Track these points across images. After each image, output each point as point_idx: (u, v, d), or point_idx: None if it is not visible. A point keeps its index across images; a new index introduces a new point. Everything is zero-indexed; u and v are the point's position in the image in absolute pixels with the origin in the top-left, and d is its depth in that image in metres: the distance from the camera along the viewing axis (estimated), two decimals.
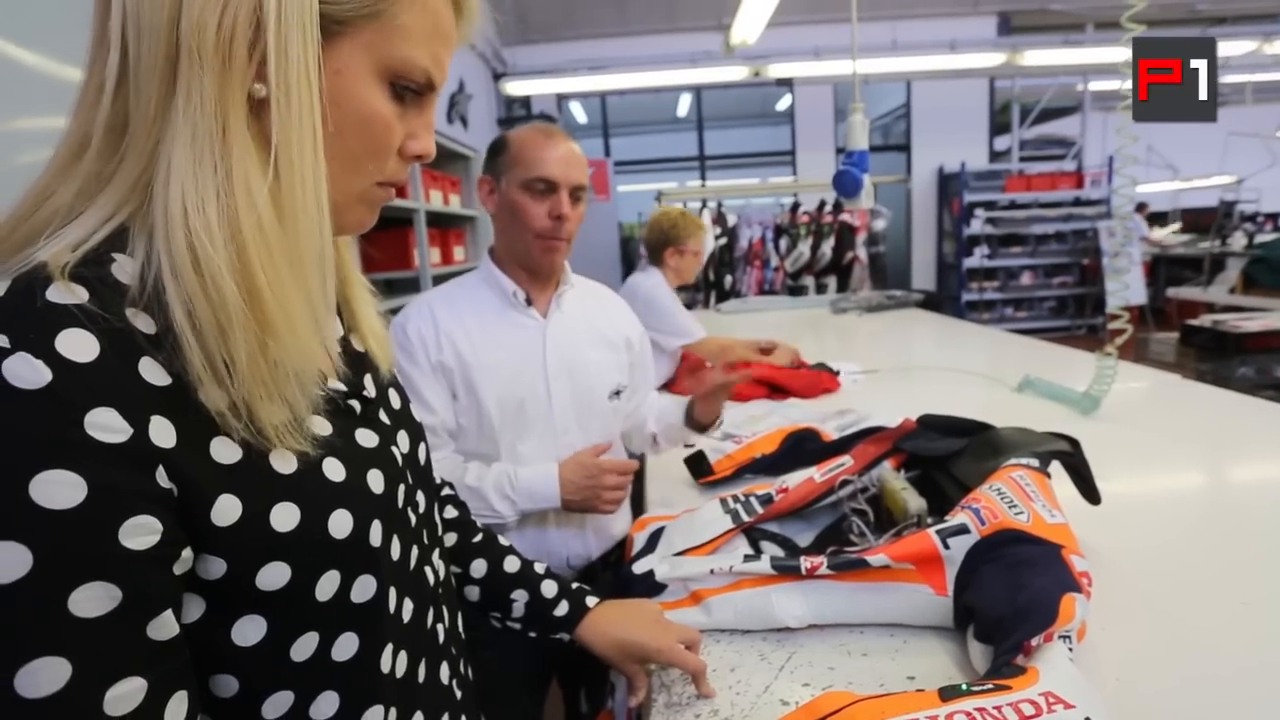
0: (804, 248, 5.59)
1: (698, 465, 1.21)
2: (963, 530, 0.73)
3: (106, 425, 0.32)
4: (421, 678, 0.50)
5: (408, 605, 0.48)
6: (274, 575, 0.38)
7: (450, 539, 0.69)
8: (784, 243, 5.73)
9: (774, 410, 1.65)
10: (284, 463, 0.39)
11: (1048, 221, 6.97)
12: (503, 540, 0.74)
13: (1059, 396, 1.54)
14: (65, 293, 0.33)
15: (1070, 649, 0.60)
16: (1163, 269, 7.14)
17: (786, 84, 5.57)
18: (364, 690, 0.44)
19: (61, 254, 0.34)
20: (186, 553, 0.35)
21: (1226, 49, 5.16)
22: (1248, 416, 1.44)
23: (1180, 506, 1.07)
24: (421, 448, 0.56)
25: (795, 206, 5.77)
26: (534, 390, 1.03)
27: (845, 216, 5.45)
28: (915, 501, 0.86)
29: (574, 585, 0.73)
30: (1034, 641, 0.59)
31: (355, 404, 0.48)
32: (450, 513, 0.72)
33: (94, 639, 0.31)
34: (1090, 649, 0.65)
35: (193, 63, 0.35)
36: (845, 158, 1.55)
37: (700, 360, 2.23)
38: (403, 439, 0.52)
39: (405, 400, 0.57)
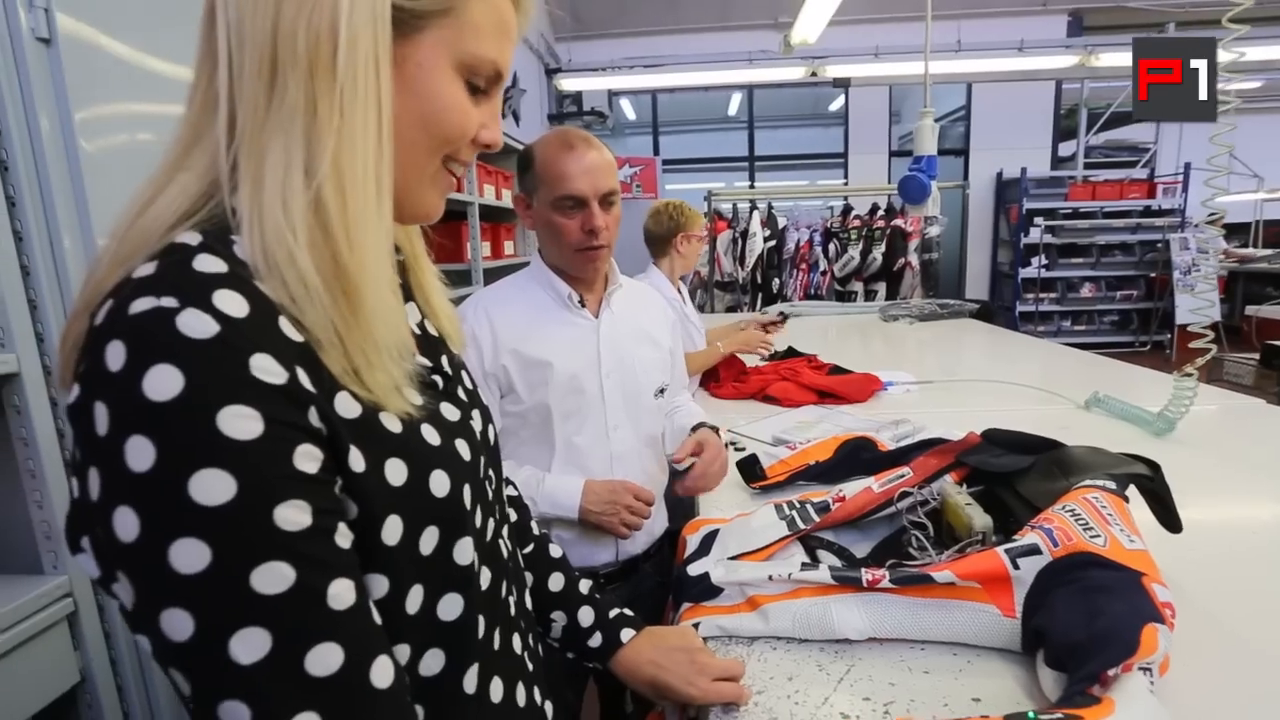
0: (854, 252, 5.50)
1: (750, 469, 1.20)
2: (1034, 551, 0.70)
3: (267, 369, 0.35)
4: (497, 644, 0.52)
5: (485, 573, 0.50)
6: (392, 529, 0.41)
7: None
8: (833, 247, 5.64)
9: (824, 416, 1.63)
10: (392, 423, 0.42)
11: (1114, 232, 6.69)
12: (553, 550, 0.74)
13: (1130, 417, 1.48)
14: (212, 263, 0.37)
15: (1152, 683, 0.57)
16: (1240, 285, 6.77)
17: (843, 84, 5.47)
18: (465, 650, 0.47)
19: (192, 235, 0.38)
20: (338, 487, 0.39)
21: None
22: None
23: (1263, 539, 1.02)
24: (491, 429, 0.58)
25: (846, 210, 5.68)
26: (589, 387, 1.05)
27: (898, 222, 5.34)
28: (980, 518, 0.83)
29: (612, 614, 0.72)
30: (1111, 672, 0.57)
31: (438, 379, 0.51)
32: (510, 515, 0.73)
33: (302, 546, 0.35)
34: (1172, 685, 0.62)
35: (286, 69, 0.39)
36: (913, 162, 1.51)
37: (739, 362, 2.19)
38: (477, 417, 0.55)
39: (474, 382, 0.60)
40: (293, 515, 0.35)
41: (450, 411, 0.50)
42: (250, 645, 0.33)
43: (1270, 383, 3.38)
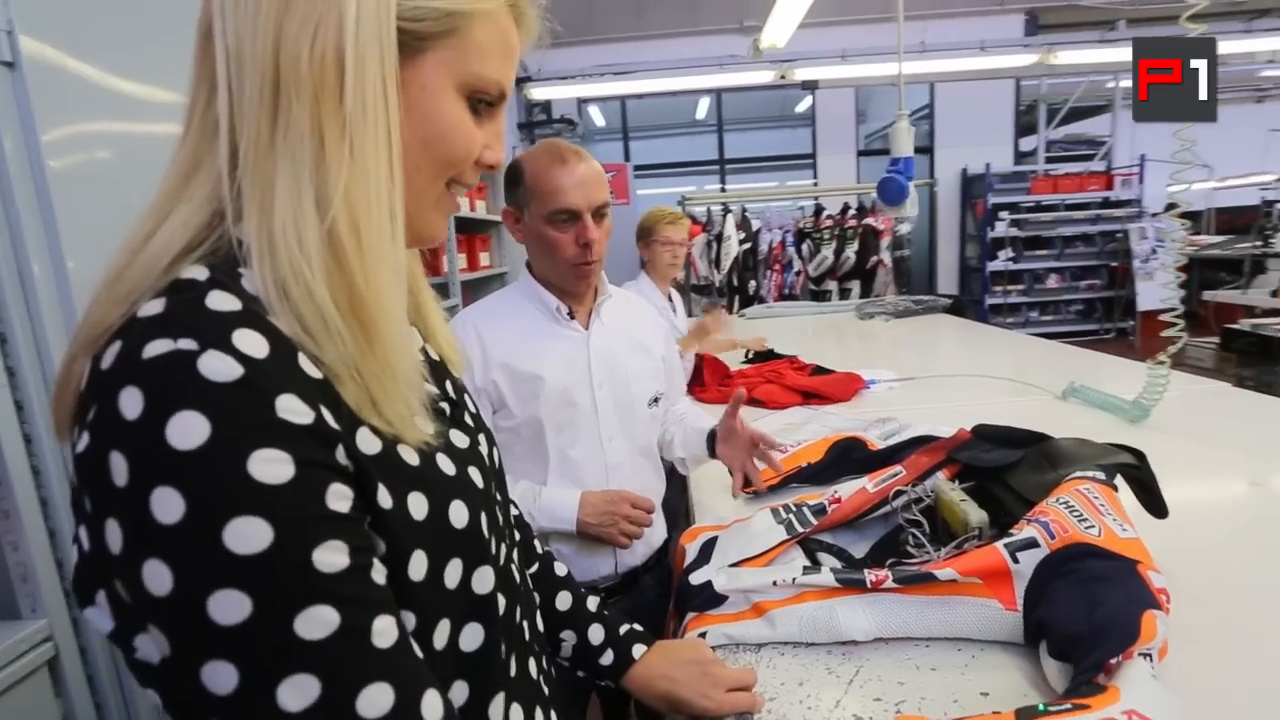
0: (827, 252, 5.57)
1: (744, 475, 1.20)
2: (1031, 544, 0.72)
3: (293, 410, 0.35)
4: (514, 671, 0.51)
5: (501, 600, 0.50)
6: (418, 564, 0.40)
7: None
8: (806, 247, 5.71)
9: (811, 417, 1.64)
10: (410, 455, 0.41)
11: (1075, 223, 6.87)
12: (558, 568, 0.73)
13: (1106, 405, 1.52)
14: (225, 301, 0.36)
15: (1153, 668, 0.59)
16: (1196, 271, 7.00)
17: (811, 87, 5.55)
18: (488, 680, 0.46)
19: (199, 270, 0.37)
20: (367, 523, 0.38)
21: (1269, 43, 5.05)
22: None
23: (1244, 518, 1.05)
24: (495, 451, 0.57)
25: (819, 210, 5.75)
26: (581, 399, 1.04)
27: (870, 220, 5.42)
28: (976, 514, 0.84)
29: (623, 630, 0.71)
30: (1115, 660, 0.58)
31: (445, 406, 0.50)
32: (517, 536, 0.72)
33: (342, 588, 0.34)
34: (1171, 667, 0.64)
35: (290, 92, 0.37)
36: (890, 164, 1.54)
37: (723, 365, 2.21)
38: (483, 441, 0.54)
39: (476, 405, 0.59)
40: (331, 557, 0.34)
41: (460, 439, 0.49)
42: (299, 692, 0.32)
43: (1230, 365, 3.51)
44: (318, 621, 0.33)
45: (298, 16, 0.37)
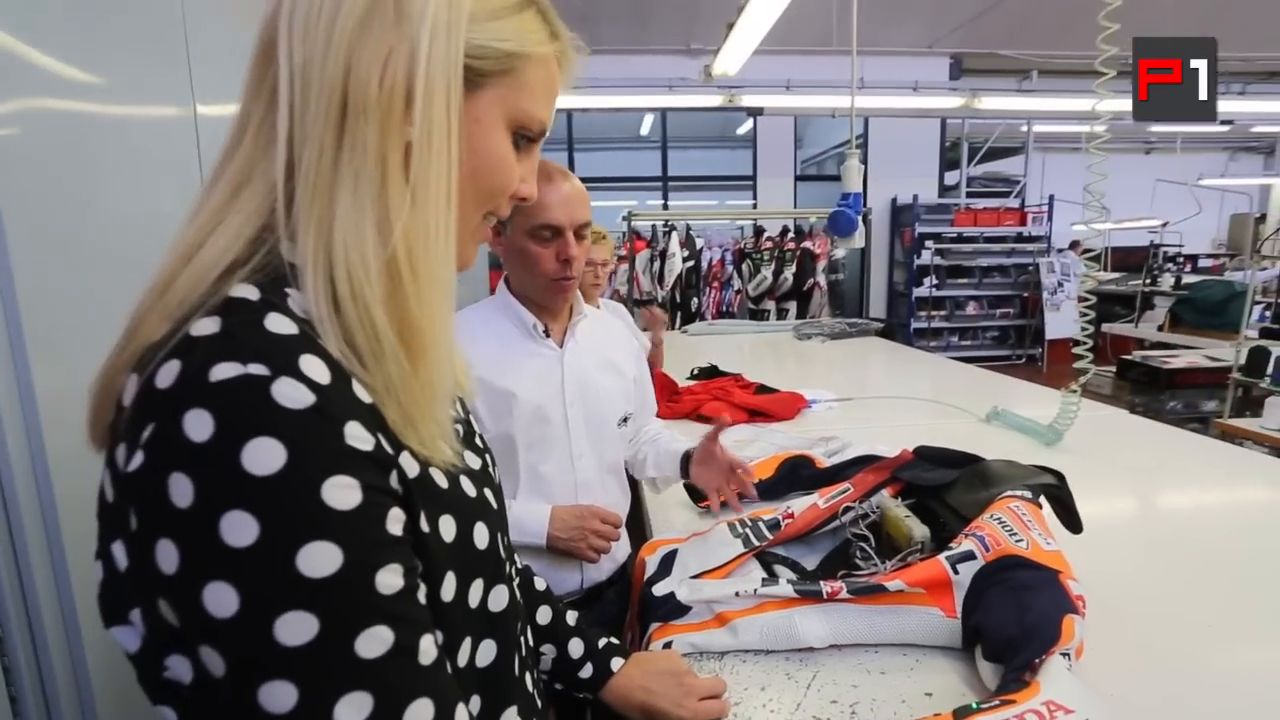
0: (766, 272, 5.76)
1: (697, 490, 1.25)
2: (970, 556, 0.79)
3: (359, 437, 0.36)
4: (519, 684, 0.53)
5: (511, 616, 0.52)
6: (449, 585, 0.42)
7: None
8: (746, 267, 5.89)
9: (758, 435, 1.71)
10: (440, 478, 0.43)
11: (992, 255, 7.37)
12: (538, 582, 0.75)
13: (1025, 429, 1.66)
14: (283, 324, 0.36)
15: (1069, 666, 0.66)
16: (1095, 305, 7.63)
17: (757, 113, 5.75)
18: (500, 693, 0.48)
19: (249, 289, 0.37)
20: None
21: None
22: (1187, 449, 1.59)
23: (1142, 533, 1.18)
24: (497, 471, 0.59)
25: (759, 231, 5.94)
26: (553, 416, 1.06)
27: (807, 244, 5.64)
28: (919, 529, 0.92)
29: (601, 644, 0.73)
30: (1039, 660, 0.66)
31: (460, 429, 0.51)
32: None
33: (397, 608, 0.36)
34: (1084, 667, 0.72)
35: (358, 115, 0.38)
36: (841, 199, 1.64)
37: (671, 382, 2.25)
38: (490, 461, 0.56)
39: (480, 426, 0.61)
40: (390, 579, 0.36)
41: (473, 460, 0.51)
42: (355, 709, 0.33)
43: (1125, 392, 3.84)
44: (376, 640, 0.34)
45: (370, 45, 0.38)
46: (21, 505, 0.87)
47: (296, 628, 0.32)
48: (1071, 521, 0.94)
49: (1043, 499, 0.93)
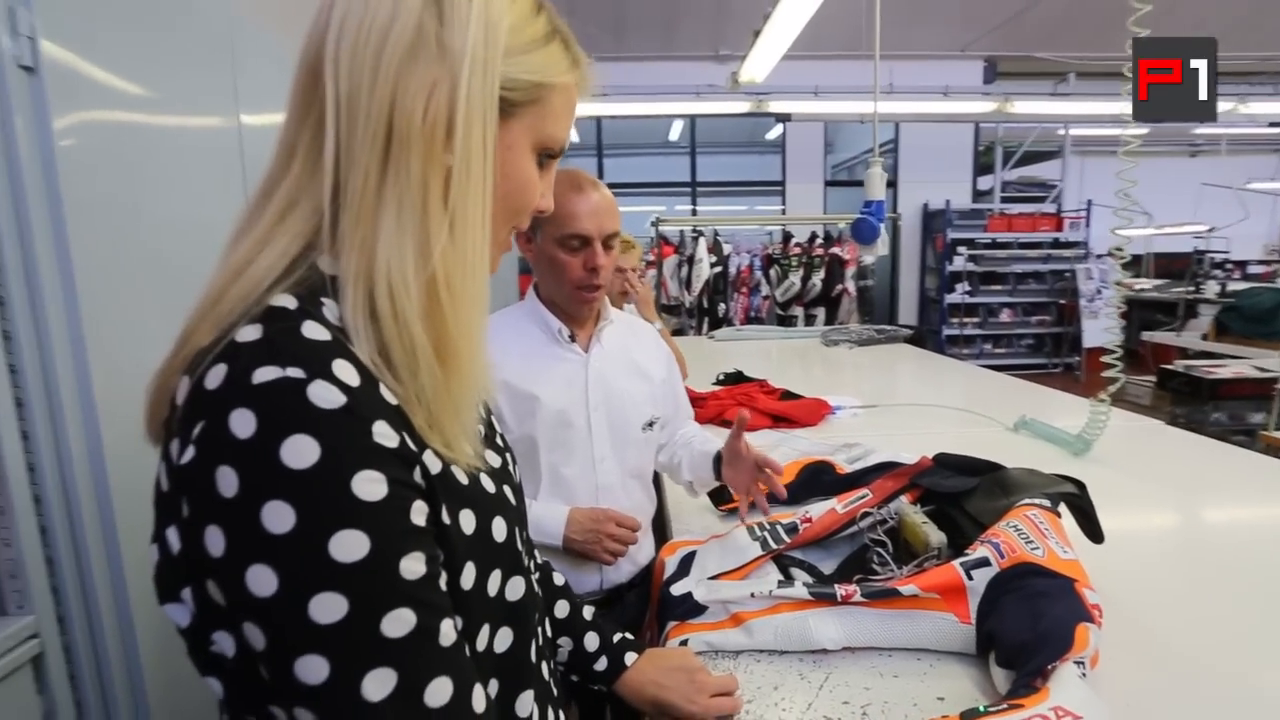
0: (795, 278, 5.74)
1: (719, 493, 1.27)
2: (984, 563, 0.80)
3: (385, 434, 0.39)
4: (536, 671, 0.56)
5: (528, 606, 0.54)
6: (468, 574, 0.45)
7: None
8: (774, 272, 5.87)
9: (782, 441, 1.72)
10: (461, 475, 0.46)
11: (1027, 261, 7.22)
12: (556, 578, 0.77)
13: (1053, 438, 1.63)
14: (318, 331, 0.39)
15: (1084, 674, 0.66)
16: (1135, 312, 7.42)
17: (785, 119, 5.74)
18: (517, 678, 0.51)
19: (288, 299, 0.41)
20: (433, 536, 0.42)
21: None
22: (1225, 462, 1.55)
23: (1169, 545, 1.16)
24: (517, 470, 0.62)
25: (787, 237, 5.92)
26: (576, 420, 1.08)
27: (836, 250, 5.60)
28: (935, 535, 0.92)
29: (616, 638, 0.76)
30: (1051, 666, 0.66)
31: (482, 429, 0.54)
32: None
33: (420, 593, 0.39)
34: (1101, 677, 0.72)
35: (402, 144, 0.41)
36: (864, 206, 1.64)
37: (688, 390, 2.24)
38: (509, 460, 0.59)
39: (500, 426, 0.64)
40: (413, 566, 0.38)
41: (493, 458, 0.53)
42: (380, 684, 0.36)
43: (1165, 402, 3.73)
44: (400, 622, 0.37)
45: (415, 78, 0.41)
46: (80, 494, 0.93)
47: (329, 607, 0.35)
48: (1093, 531, 0.94)
49: (1063, 508, 0.93)
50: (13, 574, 0.88)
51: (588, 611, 0.76)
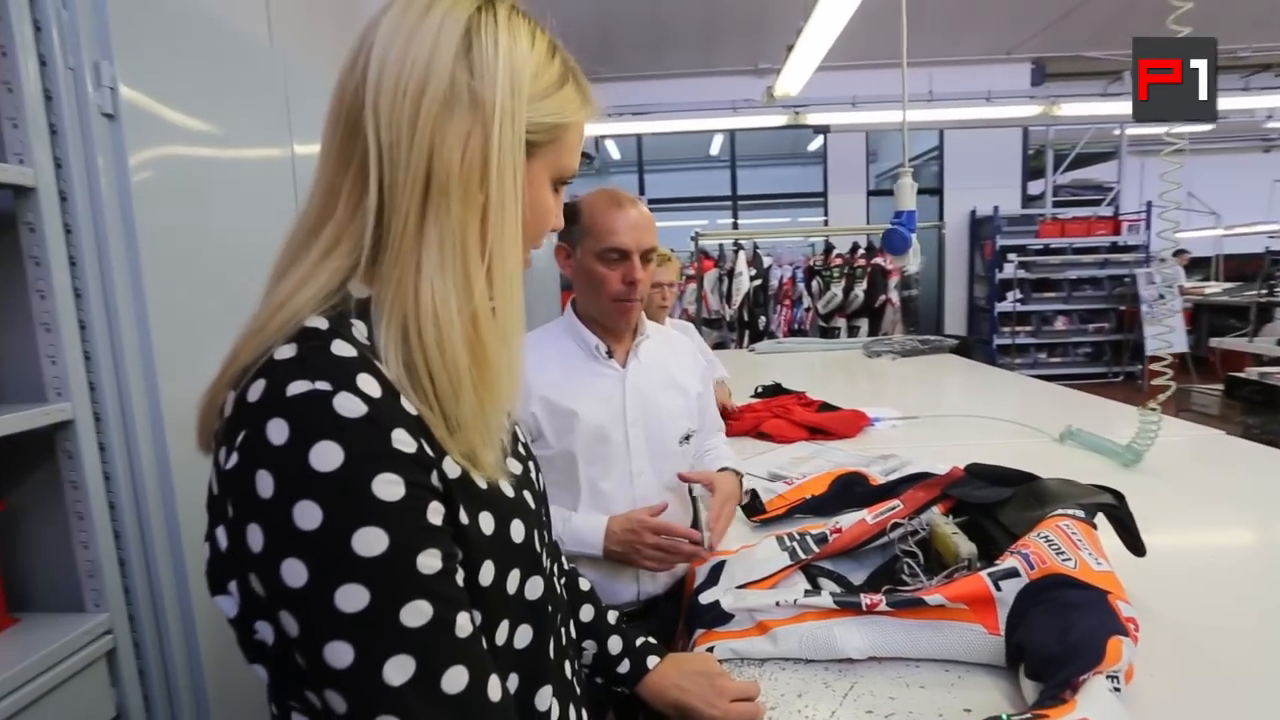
0: (837, 290, 5.67)
1: (751, 504, 1.28)
2: (1013, 574, 0.78)
3: (404, 441, 0.42)
4: (556, 669, 0.59)
5: (548, 605, 0.57)
6: (487, 572, 0.48)
7: None
8: (816, 284, 5.82)
9: (817, 453, 1.71)
10: (480, 479, 0.49)
11: (1083, 267, 6.95)
12: (582, 583, 0.80)
13: (1101, 449, 1.58)
14: (346, 349, 0.44)
15: (1118, 689, 0.65)
16: (1205, 316, 7.04)
17: (823, 130, 5.71)
18: (537, 674, 0.54)
19: (320, 320, 0.45)
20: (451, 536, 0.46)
21: (1274, 100, 5.17)
22: None
23: (1225, 564, 1.10)
24: (541, 478, 0.65)
25: (828, 248, 5.86)
26: (614, 435, 1.11)
27: (878, 260, 5.52)
28: (966, 546, 0.91)
29: (638, 642, 0.78)
30: (1081, 678, 0.65)
31: (505, 439, 0.57)
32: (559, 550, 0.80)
33: (436, 586, 0.42)
34: (1138, 694, 0.70)
35: (441, 190, 0.46)
36: (894, 216, 1.63)
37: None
38: (532, 469, 0.62)
39: (525, 436, 0.68)
40: (429, 561, 0.42)
41: (514, 465, 0.57)
42: (400, 669, 0.40)
43: (1234, 412, 3.53)
44: (417, 612, 0.40)
45: (451, 129, 0.46)
46: (149, 501, 1.01)
47: (352, 597, 0.39)
48: (1133, 543, 0.91)
49: (1102, 519, 0.90)
50: (90, 574, 0.96)
51: (611, 616, 0.79)
